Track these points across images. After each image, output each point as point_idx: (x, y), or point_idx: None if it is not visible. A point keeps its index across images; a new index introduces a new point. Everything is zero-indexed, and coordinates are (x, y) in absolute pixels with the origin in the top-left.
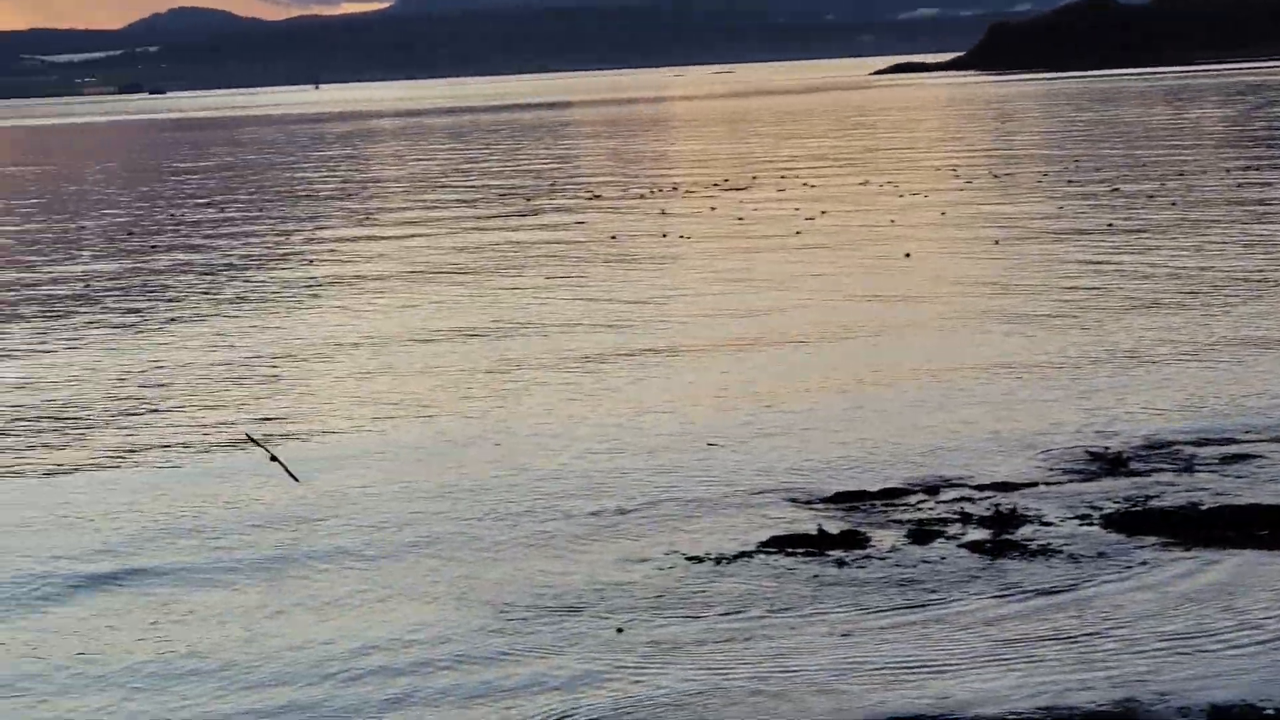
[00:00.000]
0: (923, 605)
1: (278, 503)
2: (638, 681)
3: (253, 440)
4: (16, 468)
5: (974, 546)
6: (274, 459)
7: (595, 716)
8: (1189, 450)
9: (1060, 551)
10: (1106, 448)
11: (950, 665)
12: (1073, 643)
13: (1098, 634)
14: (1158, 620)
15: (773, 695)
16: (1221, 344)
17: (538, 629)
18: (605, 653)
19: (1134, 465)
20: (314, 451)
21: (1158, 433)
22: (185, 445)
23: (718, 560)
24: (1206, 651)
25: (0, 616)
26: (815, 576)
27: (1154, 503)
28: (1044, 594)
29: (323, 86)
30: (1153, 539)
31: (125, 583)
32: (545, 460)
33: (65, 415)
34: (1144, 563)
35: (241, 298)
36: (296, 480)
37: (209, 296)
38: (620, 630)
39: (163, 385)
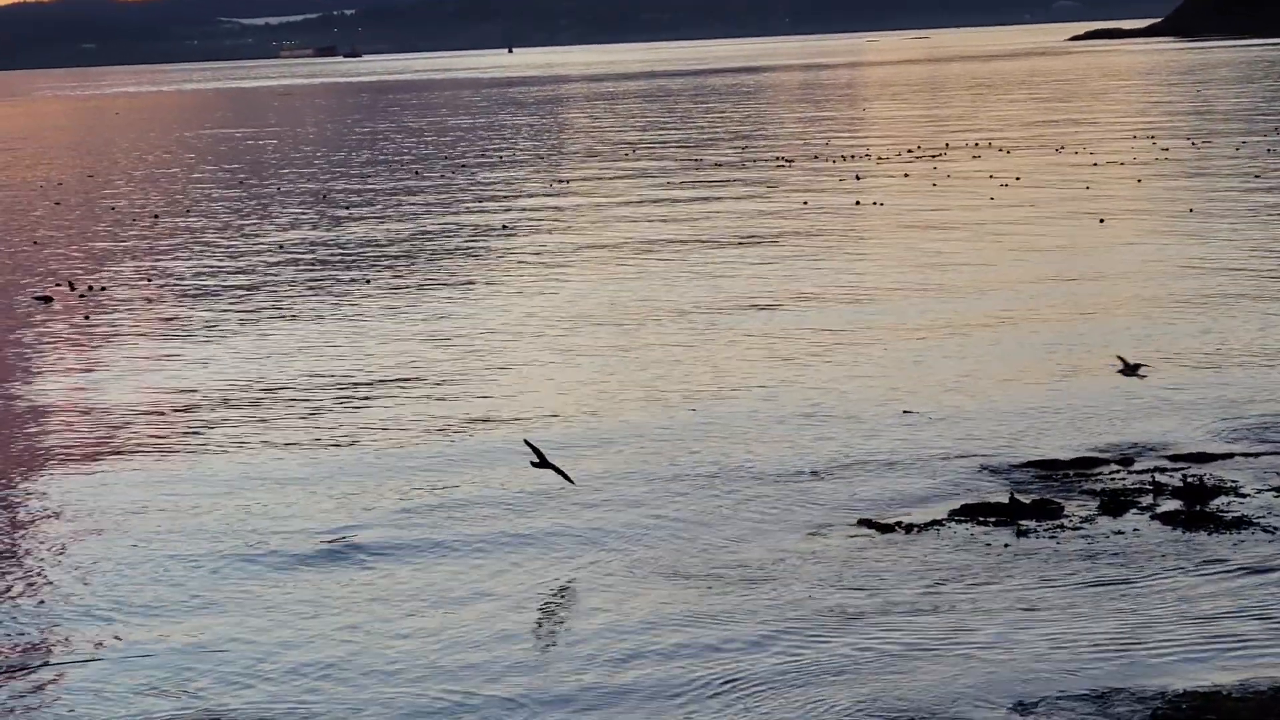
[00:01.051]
0: (1116, 582)
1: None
2: (809, 647)
3: (530, 446)
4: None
5: (1167, 518)
6: (547, 464)
7: (761, 679)
8: None
9: (1256, 524)
10: None
11: (1145, 641)
12: (1266, 619)
13: None
14: None
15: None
16: None
17: (733, 597)
18: (787, 618)
19: None
20: (544, 435)
21: None
22: (434, 427)
23: (908, 529)
24: None
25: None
26: (1007, 546)
27: None
28: (1242, 570)
29: (516, 50)
30: None
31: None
32: (761, 443)
33: (298, 395)
34: None
35: (469, 274)
36: (572, 483)
37: (429, 270)
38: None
39: (391, 365)
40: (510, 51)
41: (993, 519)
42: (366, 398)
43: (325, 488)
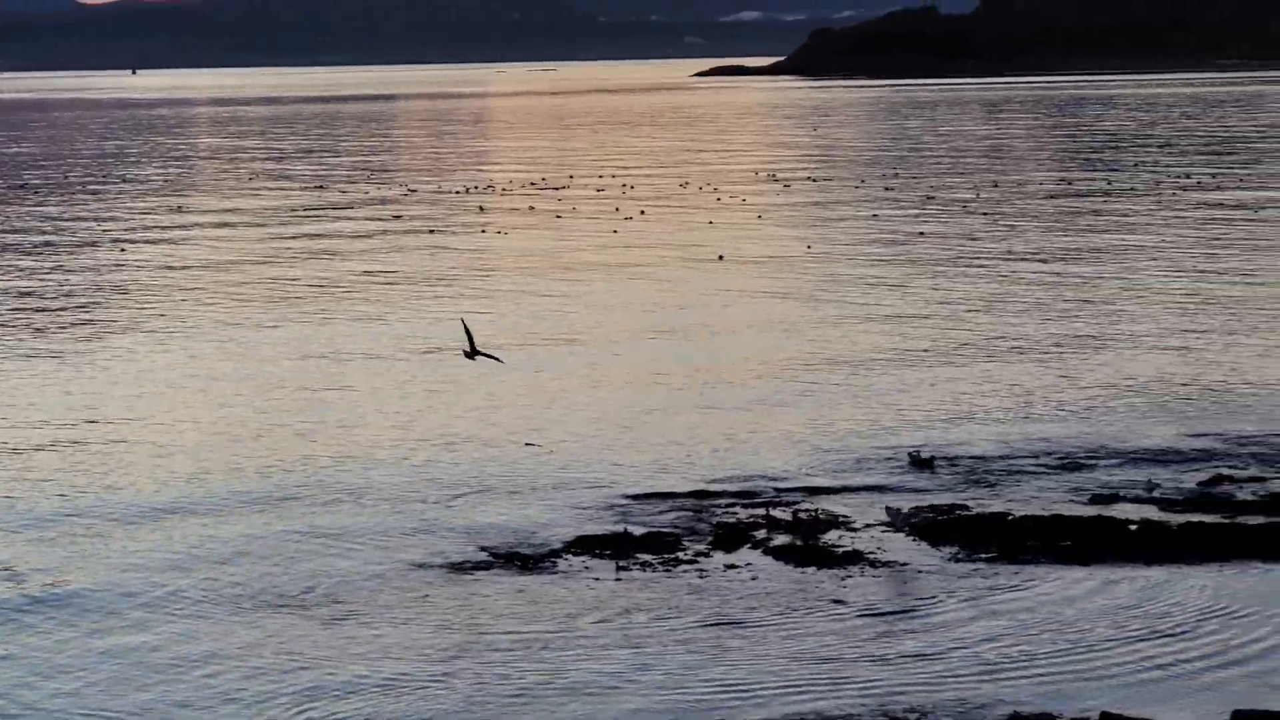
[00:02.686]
0: (728, 623)
1: None
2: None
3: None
4: None
5: (780, 553)
6: (478, 352)
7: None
8: (998, 454)
9: (867, 559)
10: (918, 451)
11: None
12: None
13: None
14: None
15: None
16: (1038, 347)
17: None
18: (379, 655)
19: (941, 470)
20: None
21: (969, 438)
22: None
23: (523, 561)
24: (1009, 664)
25: None
26: (618, 580)
27: (960, 512)
28: (855, 610)
29: (140, 73)
30: (956, 549)
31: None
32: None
33: None
34: (954, 575)
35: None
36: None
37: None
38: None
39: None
40: (134, 73)
41: (607, 551)
42: None
43: None
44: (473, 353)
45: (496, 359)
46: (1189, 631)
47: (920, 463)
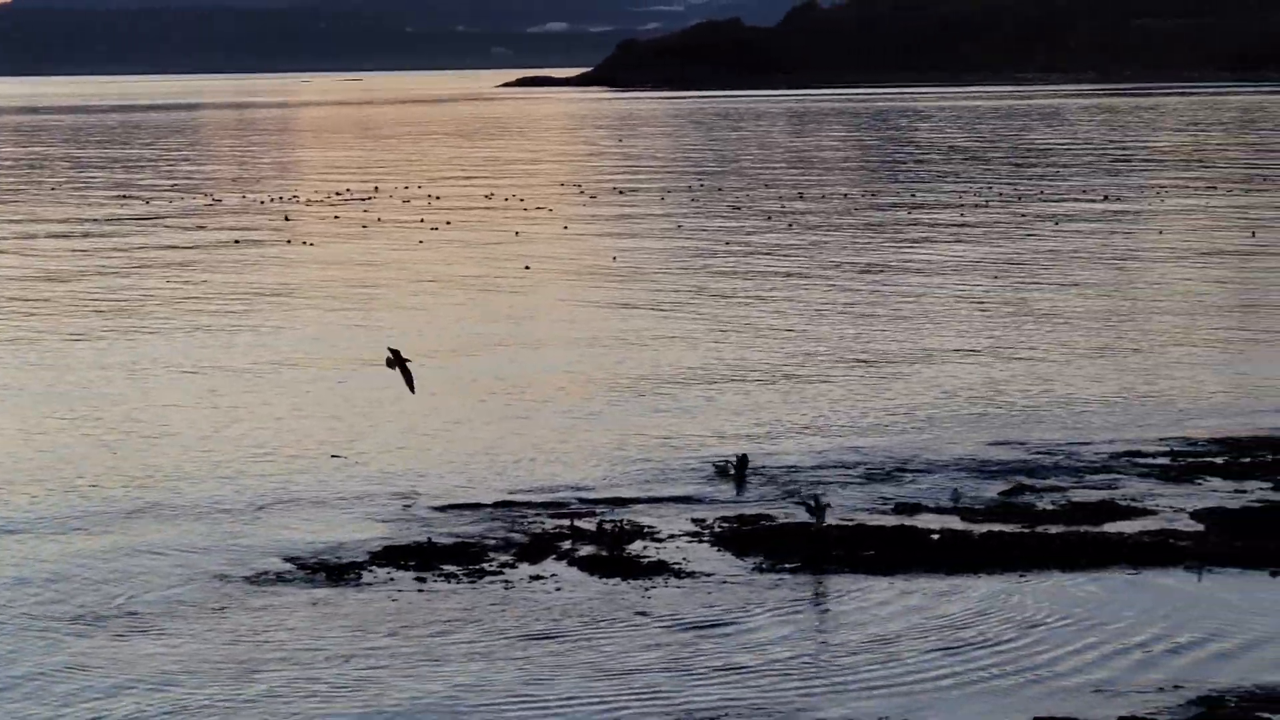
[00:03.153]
0: (538, 636)
1: None
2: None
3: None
4: None
5: (585, 564)
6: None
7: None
8: (806, 465)
9: (671, 569)
10: (727, 462)
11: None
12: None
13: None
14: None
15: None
16: (845, 359)
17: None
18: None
19: (751, 480)
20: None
21: (777, 450)
22: None
23: (325, 573)
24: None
25: None
26: (420, 591)
27: (765, 522)
28: (659, 623)
29: None
30: (760, 558)
31: None
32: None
33: None
34: (759, 585)
35: None
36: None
37: None
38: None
39: None
40: None
41: (411, 562)
42: None
43: None
44: (395, 363)
45: (409, 383)
46: (989, 640)
47: (727, 474)
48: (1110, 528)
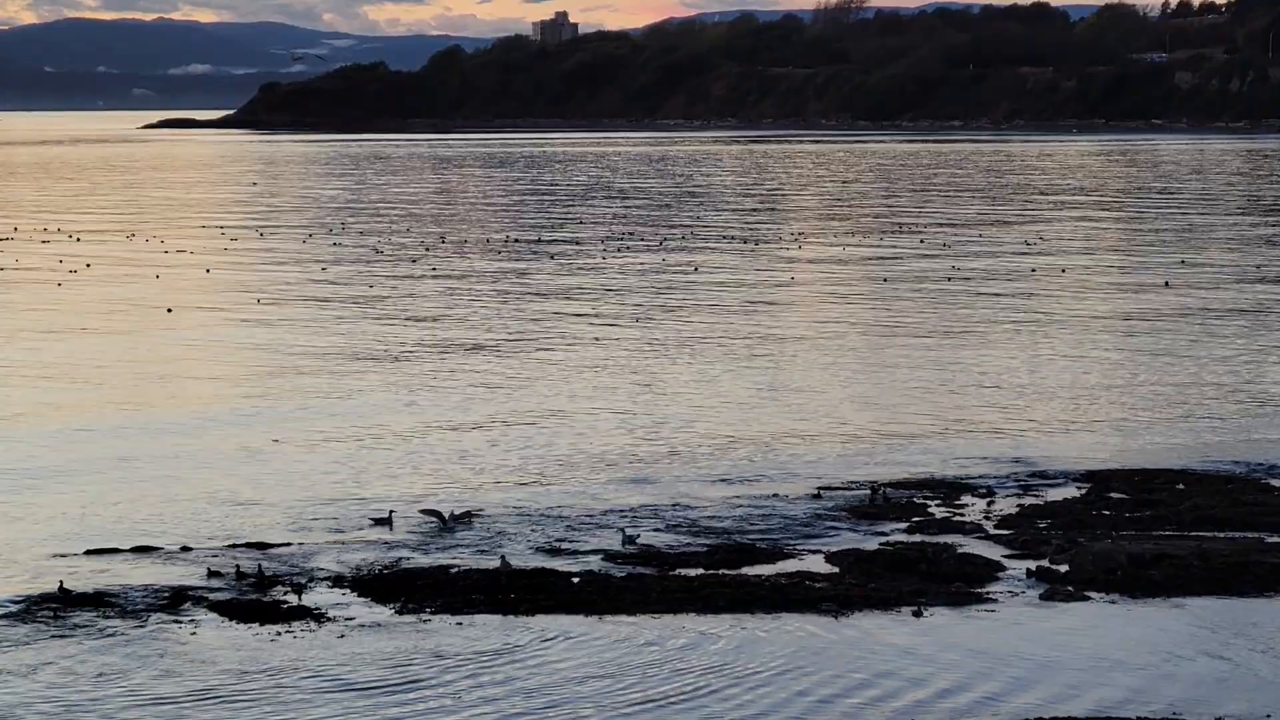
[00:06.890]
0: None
1: None
2: None
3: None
4: None
5: (225, 609)
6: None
7: None
8: (465, 512)
9: (313, 614)
10: (391, 511)
11: None
12: None
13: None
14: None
15: None
16: (539, 414)
17: None
18: None
19: (400, 528)
20: None
21: (422, 496)
22: None
23: None
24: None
25: None
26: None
27: (406, 564)
28: (291, 665)
29: None
30: (401, 603)
31: None
32: None
33: None
34: (397, 629)
35: None
36: None
37: None
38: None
39: None
40: None
41: (46, 610)
42: None
43: None
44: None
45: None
46: (624, 675)
47: (381, 521)
48: (749, 571)
